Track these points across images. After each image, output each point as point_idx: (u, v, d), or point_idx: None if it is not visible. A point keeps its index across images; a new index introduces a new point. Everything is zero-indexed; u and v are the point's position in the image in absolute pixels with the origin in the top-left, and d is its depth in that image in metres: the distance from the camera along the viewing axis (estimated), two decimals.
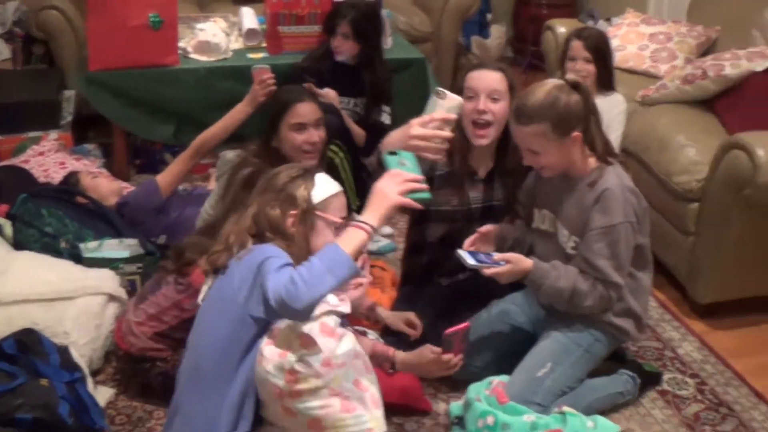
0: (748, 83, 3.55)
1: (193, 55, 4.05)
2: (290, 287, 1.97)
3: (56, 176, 3.70)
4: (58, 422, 2.34)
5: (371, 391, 2.22)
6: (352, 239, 2.08)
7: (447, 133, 2.55)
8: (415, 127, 2.52)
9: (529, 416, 2.52)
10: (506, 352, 2.86)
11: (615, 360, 2.91)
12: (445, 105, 2.58)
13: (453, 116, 2.60)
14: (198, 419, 2.17)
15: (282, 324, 2.11)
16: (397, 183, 2.13)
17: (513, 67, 6.08)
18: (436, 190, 2.85)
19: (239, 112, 3.42)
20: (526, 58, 5.98)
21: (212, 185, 3.56)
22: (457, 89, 2.83)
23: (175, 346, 2.67)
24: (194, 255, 2.56)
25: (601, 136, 2.64)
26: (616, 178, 2.58)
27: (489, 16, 6.03)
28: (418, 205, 2.15)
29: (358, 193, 3.49)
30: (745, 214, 3.09)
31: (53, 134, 4.03)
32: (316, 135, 3.01)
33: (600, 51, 3.51)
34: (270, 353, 2.09)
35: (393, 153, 2.26)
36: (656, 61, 4.08)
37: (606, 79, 3.57)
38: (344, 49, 3.81)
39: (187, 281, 2.62)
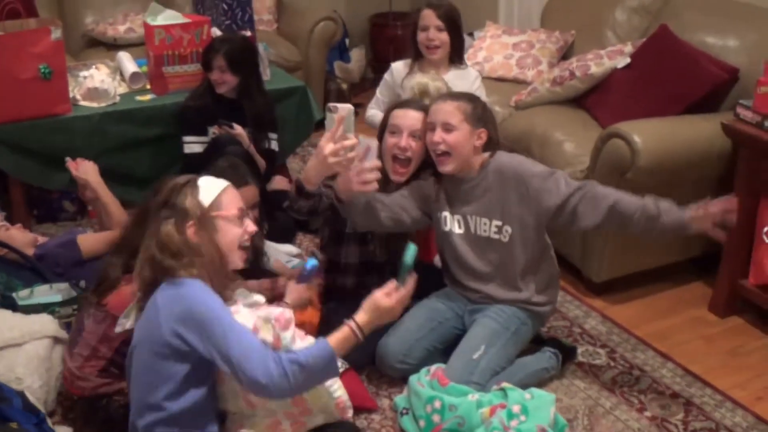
0: (613, 79, 3.94)
1: (83, 103, 4.08)
2: (283, 382, 2.14)
3: None
4: None
5: None
6: (345, 344, 2.28)
7: (352, 140, 2.65)
8: (327, 146, 2.61)
9: (473, 395, 2.75)
10: (438, 348, 3.09)
11: (535, 341, 3.19)
12: (341, 115, 2.64)
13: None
14: None
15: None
16: (402, 305, 2.36)
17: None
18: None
19: None
20: None
21: None
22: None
23: (123, 375, 2.72)
24: (116, 273, 2.62)
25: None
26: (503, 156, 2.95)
27: (347, 41, 6.27)
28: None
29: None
30: None
31: None
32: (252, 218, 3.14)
33: (452, 20, 3.62)
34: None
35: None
36: (522, 67, 4.42)
37: (459, 51, 3.74)
38: (223, 81, 3.97)
39: (104, 311, 2.66)
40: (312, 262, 2.81)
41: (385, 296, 2.33)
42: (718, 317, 3.53)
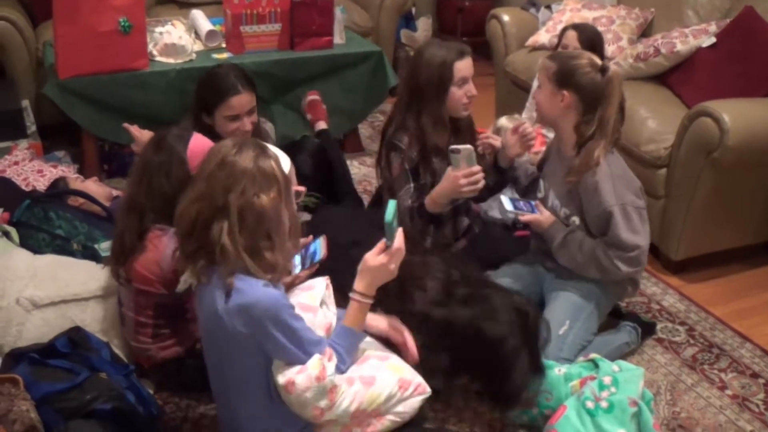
0: (697, 58, 3.88)
1: (159, 58, 4.08)
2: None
3: (37, 184, 3.68)
4: (133, 411, 2.40)
5: (368, 351, 2.45)
6: (359, 314, 2.32)
7: (477, 168, 2.99)
8: (461, 180, 2.97)
9: (560, 369, 2.73)
10: None
11: (614, 316, 3.17)
12: (464, 155, 2.95)
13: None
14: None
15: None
16: (396, 261, 2.29)
17: None
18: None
19: None
20: None
21: None
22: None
23: (180, 339, 2.75)
24: (132, 239, 2.59)
25: (602, 129, 2.82)
26: (596, 174, 2.81)
27: (414, 10, 6.23)
28: None
29: None
30: (712, 175, 3.37)
31: (23, 143, 4.00)
32: (249, 123, 3.17)
33: (592, 45, 3.62)
34: (304, 380, 2.17)
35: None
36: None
37: None
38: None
39: (129, 284, 2.65)
40: (318, 251, 2.67)
41: (375, 256, 2.29)
42: None
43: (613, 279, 2.92)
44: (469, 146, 2.99)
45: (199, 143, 2.60)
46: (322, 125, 3.98)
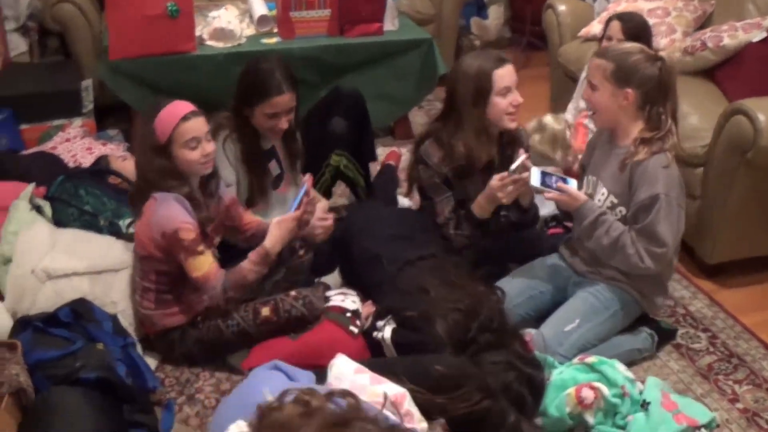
0: (746, 53, 3.72)
1: (209, 42, 4.17)
2: None
3: (84, 161, 3.83)
4: (118, 382, 2.48)
5: None
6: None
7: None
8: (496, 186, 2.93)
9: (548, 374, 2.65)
10: (531, 316, 3.03)
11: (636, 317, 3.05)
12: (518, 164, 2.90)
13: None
14: None
15: None
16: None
17: (511, 47, 6.26)
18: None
19: None
20: (525, 37, 6.14)
21: None
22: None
23: (183, 308, 2.84)
24: (139, 209, 2.77)
25: (665, 121, 2.79)
26: (656, 159, 2.75)
27: None
28: None
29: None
30: (747, 176, 3.24)
31: (77, 121, 4.16)
32: (286, 122, 3.17)
33: (636, 37, 3.53)
34: None
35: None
36: (655, 35, 4.19)
37: None
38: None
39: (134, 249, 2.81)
40: (303, 189, 2.88)
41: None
42: None
43: (635, 272, 2.83)
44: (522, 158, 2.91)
45: (165, 114, 2.69)
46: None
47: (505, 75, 3.01)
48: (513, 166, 2.88)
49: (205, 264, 2.72)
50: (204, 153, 2.73)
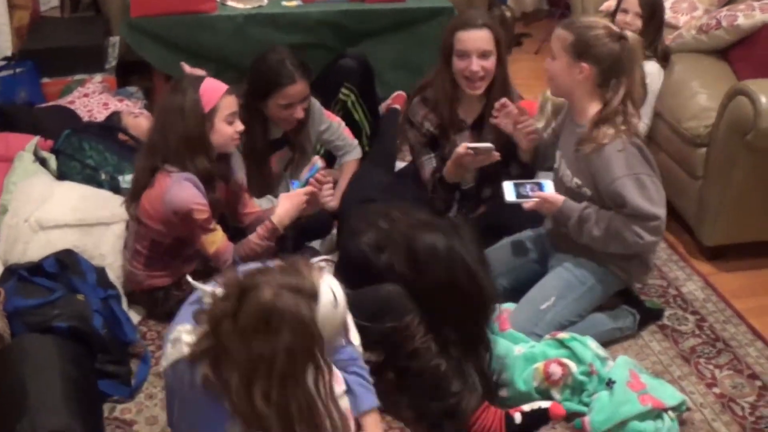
0: (762, 33, 3.62)
1: (229, 3, 4.20)
2: None
3: (99, 116, 3.90)
4: (91, 332, 2.57)
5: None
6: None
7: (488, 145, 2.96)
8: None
9: (520, 348, 2.68)
10: (519, 283, 3.02)
11: (619, 294, 3.03)
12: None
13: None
14: None
15: None
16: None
17: (546, 19, 6.18)
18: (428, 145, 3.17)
19: None
20: (560, 9, 6.05)
21: None
22: None
23: (170, 272, 2.90)
24: (146, 178, 2.77)
25: (622, 101, 2.72)
26: (611, 146, 2.69)
27: None
28: None
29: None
30: (748, 159, 3.19)
31: (98, 77, 4.25)
32: (301, 111, 3.17)
33: (653, 11, 3.50)
34: None
35: None
36: (676, 12, 4.13)
37: (648, 40, 3.60)
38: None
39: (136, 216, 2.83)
40: (316, 167, 2.90)
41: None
42: None
43: (637, 251, 2.80)
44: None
45: (211, 84, 2.75)
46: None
47: (466, 39, 2.99)
48: (478, 146, 2.89)
49: (217, 239, 2.79)
50: (237, 129, 2.79)
